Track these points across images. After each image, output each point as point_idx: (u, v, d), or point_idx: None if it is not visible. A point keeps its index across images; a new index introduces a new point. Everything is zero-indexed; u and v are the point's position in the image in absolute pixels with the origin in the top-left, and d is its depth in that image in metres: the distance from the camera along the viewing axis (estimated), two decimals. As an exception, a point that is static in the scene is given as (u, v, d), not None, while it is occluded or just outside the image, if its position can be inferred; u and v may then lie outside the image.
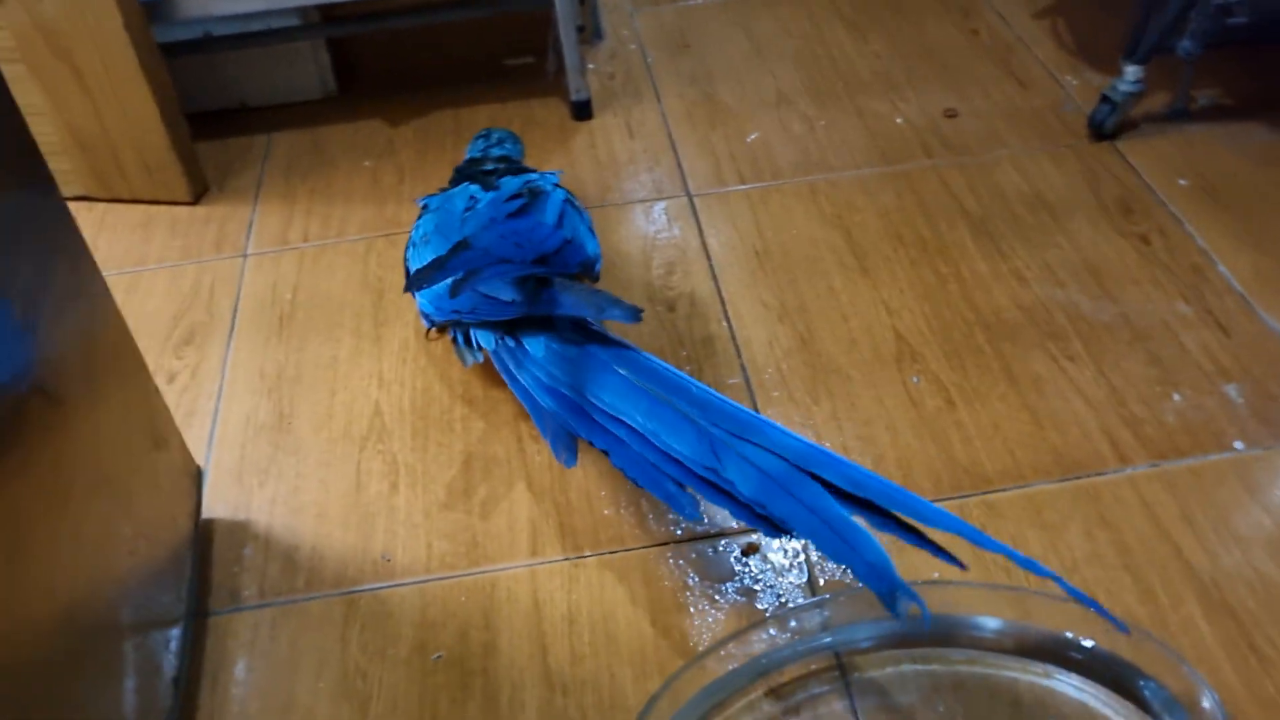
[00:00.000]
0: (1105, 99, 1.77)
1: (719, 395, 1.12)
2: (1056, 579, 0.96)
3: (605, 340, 1.22)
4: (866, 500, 1.00)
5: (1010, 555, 0.96)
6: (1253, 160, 1.70)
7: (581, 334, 1.24)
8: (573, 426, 1.15)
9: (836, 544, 0.99)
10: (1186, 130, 1.78)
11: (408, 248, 1.45)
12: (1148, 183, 1.68)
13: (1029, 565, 0.97)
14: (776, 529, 1.02)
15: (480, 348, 1.31)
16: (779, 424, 1.08)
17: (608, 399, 1.14)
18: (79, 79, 1.67)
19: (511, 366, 1.25)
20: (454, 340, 1.36)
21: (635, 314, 1.15)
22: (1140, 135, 1.78)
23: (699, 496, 1.07)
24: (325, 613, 1.18)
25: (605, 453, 1.12)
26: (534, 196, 1.37)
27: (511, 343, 1.26)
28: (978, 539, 0.97)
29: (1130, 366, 1.38)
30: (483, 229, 1.33)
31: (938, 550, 0.99)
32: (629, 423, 1.11)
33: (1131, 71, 1.73)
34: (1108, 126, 1.77)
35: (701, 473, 1.06)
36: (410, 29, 2.09)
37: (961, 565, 0.99)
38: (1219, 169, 1.69)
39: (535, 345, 1.24)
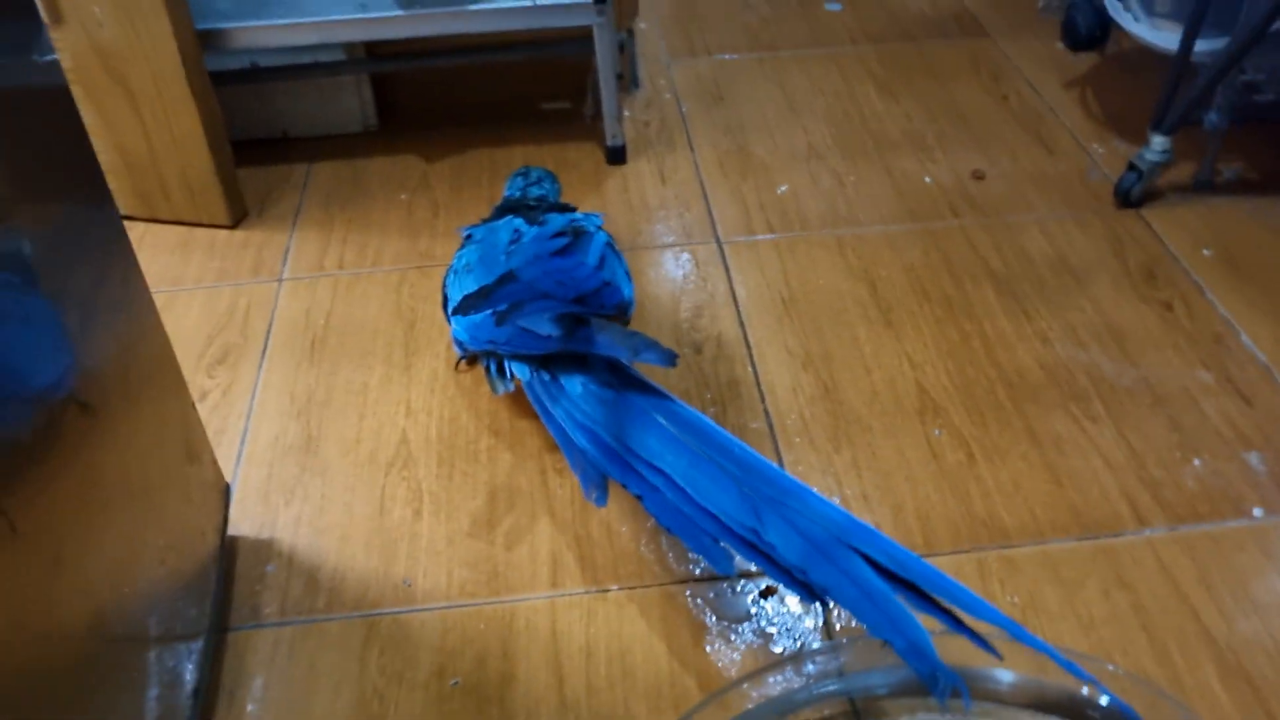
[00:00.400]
0: (1132, 167, 1.79)
1: (760, 456, 1.11)
2: (1097, 684, 0.97)
3: (642, 385, 1.23)
4: (908, 581, 1.00)
5: (1050, 654, 0.96)
6: (1276, 233, 1.72)
7: (617, 375, 1.25)
8: (607, 468, 1.16)
9: (878, 618, 0.99)
10: (1211, 202, 1.81)
11: (448, 274, 1.48)
12: (1172, 251, 1.70)
13: (1071, 668, 0.97)
14: (814, 596, 1.02)
15: (513, 377, 1.33)
16: (821, 494, 1.08)
17: (647, 446, 1.14)
18: (131, 102, 1.71)
19: (546, 401, 1.27)
20: (487, 369, 1.38)
21: (671, 358, 1.17)
22: (1165, 204, 1.81)
23: (733, 552, 1.07)
24: (345, 634, 1.19)
25: (639, 498, 1.13)
26: (577, 236, 1.40)
27: (546, 377, 1.28)
28: (1018, 634, 0.97)
29: (1151, 430, 1.39)
30: (527, 263, 1.35)
31: (975, 638, 0.98)
32: (668, 473, 1.12)
33: (1159, 142, 1.76)
34: (1134, 195, 1.80)
35: (741, 532, 1.06)
36: (451, 69, 2.14)
37: (998, 655, 0.98)
38: (1242, 240, 1.71)
39: (571, 383, 1.25)
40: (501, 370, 1.35)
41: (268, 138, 2.08)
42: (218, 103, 1.79)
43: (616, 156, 1.98)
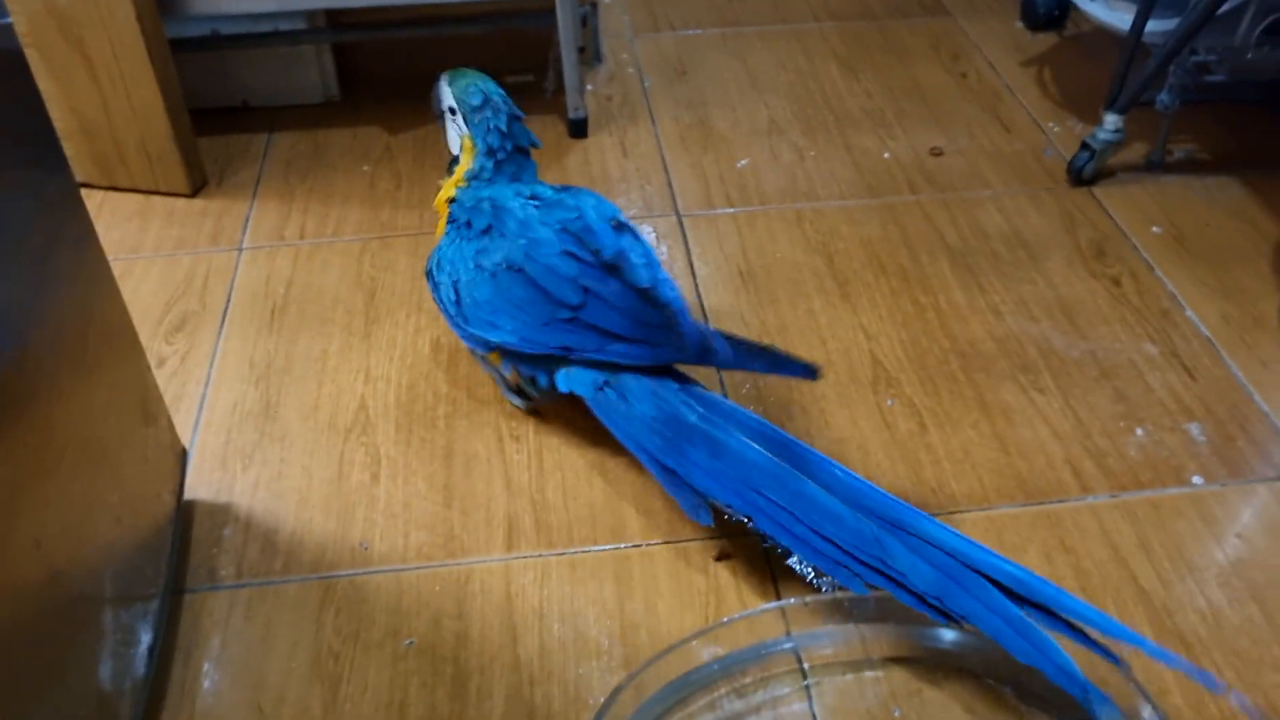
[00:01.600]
0: (1085, 146, 1.82)
1: (868, 483, 1.12)
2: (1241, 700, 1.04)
3: (724, 406, 1.21)
4: (1038, 603, 1.02)
5: (1184, 668, 1.01)
6: (1224, 212, 1.76)
7: (684, 387, 1.23)
8: (706, 490, 1.15)
9: (1022, 645, 1.00)
10: (1161, 181, 1.84)
11: (447, 263, 1.33)
12: (1122, 228, 1.73)
13: (1203, 679, 1.02)
14: (953, 621, 1.04)
15: (554, 389, 1.29)
16: (935, 518, 1.09)
17: (749, 477, 1.13)
18: (88, 67, 1.70)
19: (620, 419, 1.22)
20: (530, 380, 1.34)
21: (813, 372, 1.22)
22: (1117, 183, 1.84)
23: (861, 577, 1.07)
24: (301, 596, 1.20)
25: (748, 519, 1.13)
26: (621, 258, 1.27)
27: (614, 395, 1.23)
28: (1151, 650, 1.00)
29: (1097, 401, 1.42)
30: (593, 300, 1.24)
31: (1102, 650, 1.01)
32: (773, 499, 1.11)
33: (1111, 121, 1.79)
34: (1086, 173, 1.83)
35: (866, 559, 1.06)
36: (414, 40, 2.14)
37: (1120, 662, 1.01)
38: (1191, 219, 1.75)
39: (645, 403, 1.21)
40: (539, 382, 1.32)
41: (228, 107, 2.07)
42: (176, 70, 1.78)
43: (578, 130, 1.98)
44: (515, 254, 1.27)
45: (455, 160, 1.43)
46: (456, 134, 1.41)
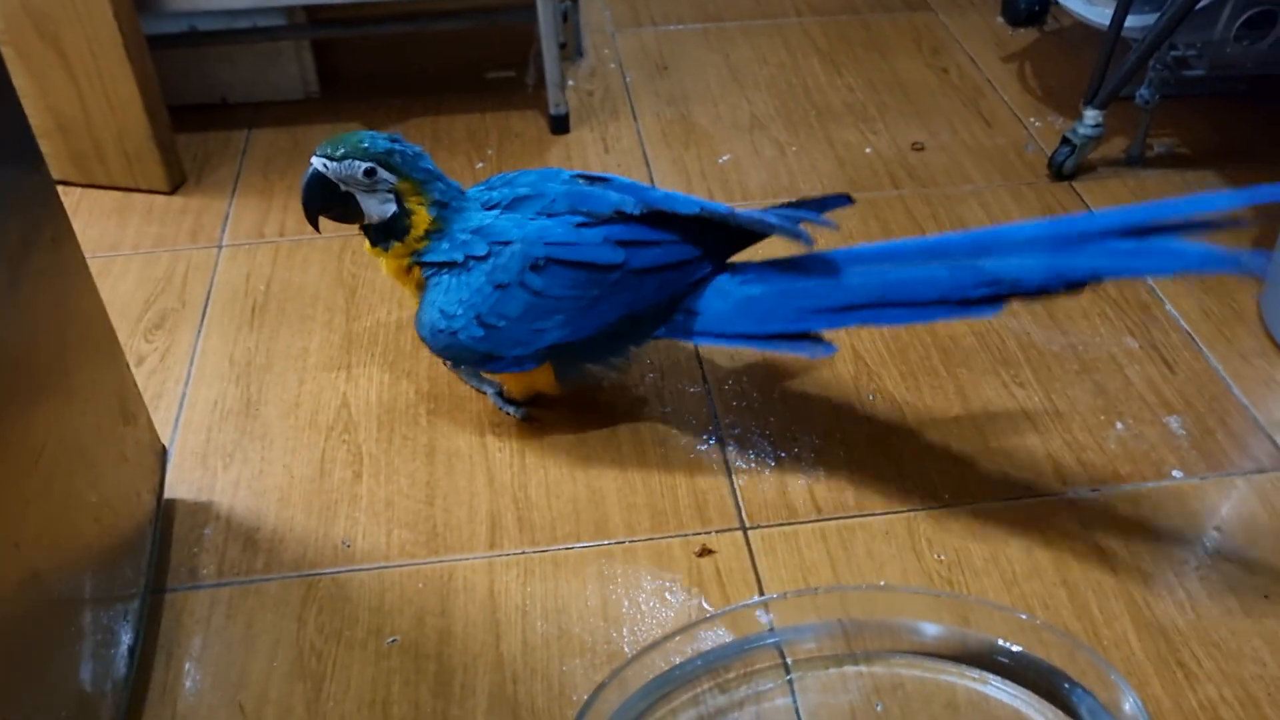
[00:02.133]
0: (1066, 141, 1.83)
1: (938, 238, 1.23)
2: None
3: (782, 263, 1.29)
4: (1147, 225, 1.08)
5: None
6: (1203, 207, 1.77)
7: (739, 271, 1.30)
8: (825, 325, 1.24)
9: (1159, 259, 1.08)
10: (1141, 175, 1.85)
11: (456, 307, 1.25)
12: (1103, 222, 1.74)
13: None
14: (1083, 286, 1.09)
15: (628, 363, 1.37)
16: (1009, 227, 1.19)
17: (853, 293, 1.21)
18: (64, 64, 1.68)
19: (707, 327, 1.27)
20: (501, 393, 1.40)
21: (846, 198, 1.32)
22: (1097, 177, 1.85)
23: (986, 304, 1.14)
24: (283, 594, 1.20)
25: (865, 323, 1.27)
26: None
27: (680, 316, 1.28)
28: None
29: (1077, 395, 1.43)
30: (633, 249, 1.25)
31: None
32: (885, 299, 1.19)
33: (1091, 116, 1.80)
34: (1067, 167, 1.83)
35: (978, 294, 1.13)
36: (394, 35, 2.13)
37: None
38: (1171, 213, 1.75)
39: (733, 296, 1.27)
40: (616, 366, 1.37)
41: (206, 103, 2.06)
42: (154, 67, 1.77)
43: (560, 125, 1.98)
44: (535, 251, 1.23)
45: (382, 226, 1.27)
46: (381, 200, 1.25)
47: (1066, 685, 1.05)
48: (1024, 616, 1.11)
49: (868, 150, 1.93)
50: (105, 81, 1.71)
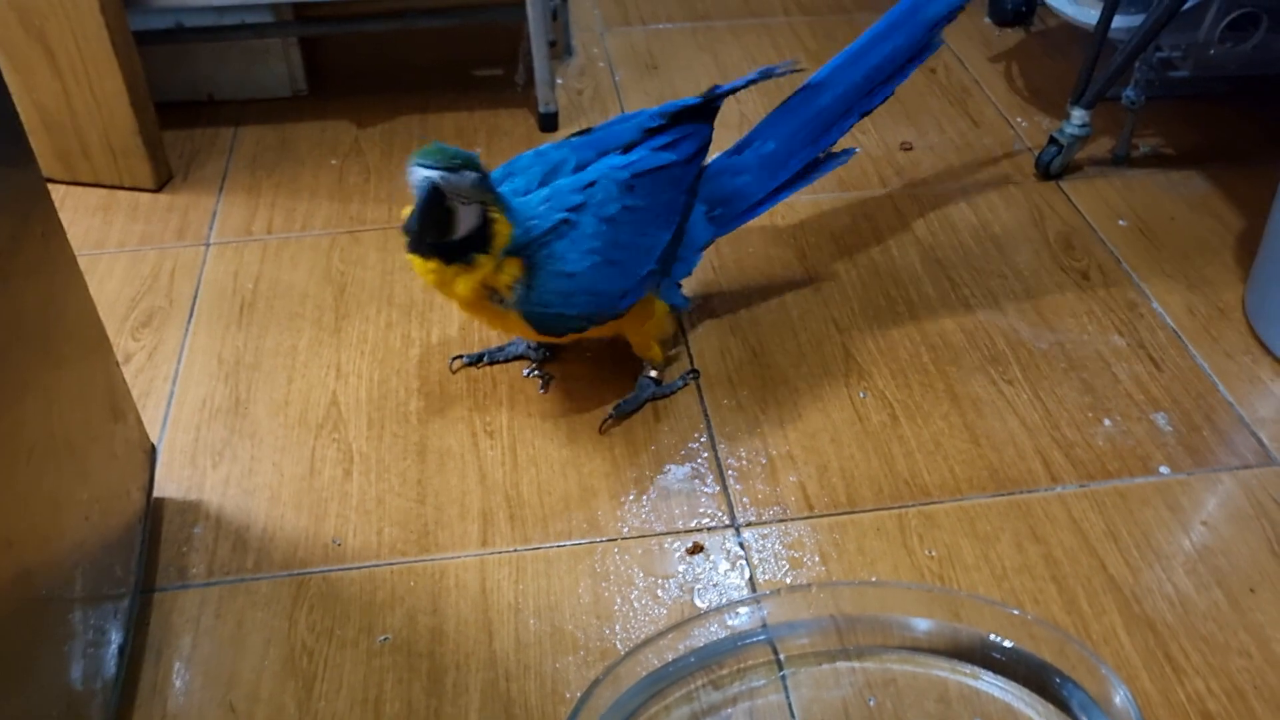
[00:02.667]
0: (1053, 141, 1.84)
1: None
2: None
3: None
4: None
5: None
6: (1189, 206, 1.78)
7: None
8: (830, 140, 1.51)
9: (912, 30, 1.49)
10: (1128, 175, 1.86)
11: (573, 260, 1.26)
12: (1089, 222, 1.75)
13: None
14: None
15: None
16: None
17: (833, 108, 1.51)
18: (50, 59, 1.67)
19: (751, 196, 1.47)
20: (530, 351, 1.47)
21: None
22: (1084, 177, 1.86)
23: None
24: (274, 593, 1.19)
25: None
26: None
27: (722, 210, 1.45)
28: None
29: (1065, 392, 1.44)
30: (685, 145, 1.38)
31: None
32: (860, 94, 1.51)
33: (1078, 116, 1.81)
34: (1054, 167, 1.84)
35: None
36: (382, 33, 2.12)
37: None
38: (1157, 212, 1.77)
39: (742, 174, 1.47)
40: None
41: (193, 100, 2.05)
42: (141, 63, 1.76)
43: (549, 124, 1.98)
44: (621, 175, 1.31)
45: (466, 240, 1.21)
46: (471, 213, 1.19)
47: (1057, 679, 1.06)
48: (1015, 612, 1.11)
49: (856, 149, 1.93)
50: (91, 78, 1.70)
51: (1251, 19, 1.77)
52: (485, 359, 1.47)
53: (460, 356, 1.47)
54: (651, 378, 1.42)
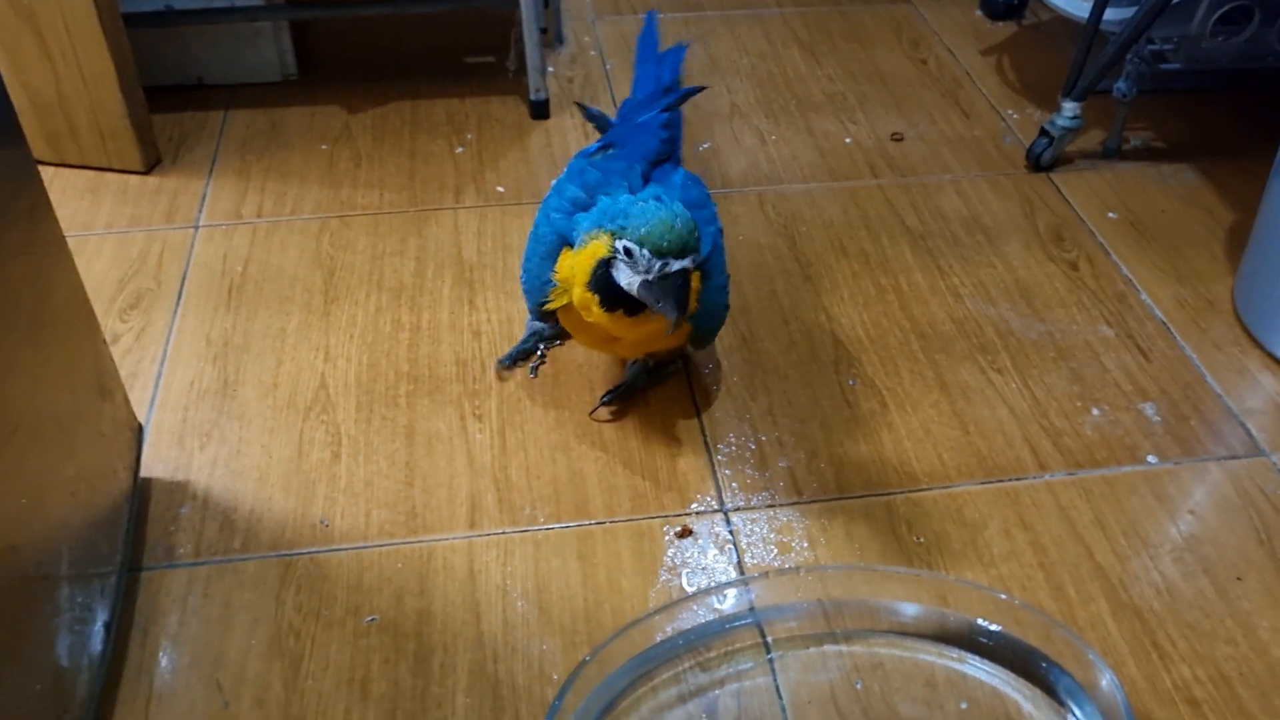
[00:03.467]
0: (1044, 133, 1.84)
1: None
2: None
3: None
4: None
5: None
6: (1178, 199, 1.79)
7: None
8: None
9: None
10: (1118, 167, 1.87)
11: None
12: (1079, 213, 1.76)
13: None
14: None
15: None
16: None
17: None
18: (40, 41, 1.66)
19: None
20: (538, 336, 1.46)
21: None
22: (1074, 169, 1.86)
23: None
24: (261, 573, 1.19)
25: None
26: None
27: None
28: None
29: (1053, 381, 1.44)
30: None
31: None
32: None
33: (1069, 108, 1.81)
34: (1045, 159, 1.85)
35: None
36: (374, 19, 2.11)
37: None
38: (1146, 205, 1.77)
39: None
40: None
41: (183, 84, 2.04)
42: (130, 46, 1.75)
43: (539, 111, 1.97)
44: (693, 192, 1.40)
45: None
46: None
47: (1044, 665, 1.06)
48: (1002, 596, 1.11)
49: (847, 140, 1.94)
50: (80, 59, 1.69)
51: (1244, 12, 1.77)
52: (542, 354, 1.46)
53: (511, 361, 1.44)
54: (646, 364, 1.42)
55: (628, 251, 1.14)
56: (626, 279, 1.16)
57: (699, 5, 2.37)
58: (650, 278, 1.14)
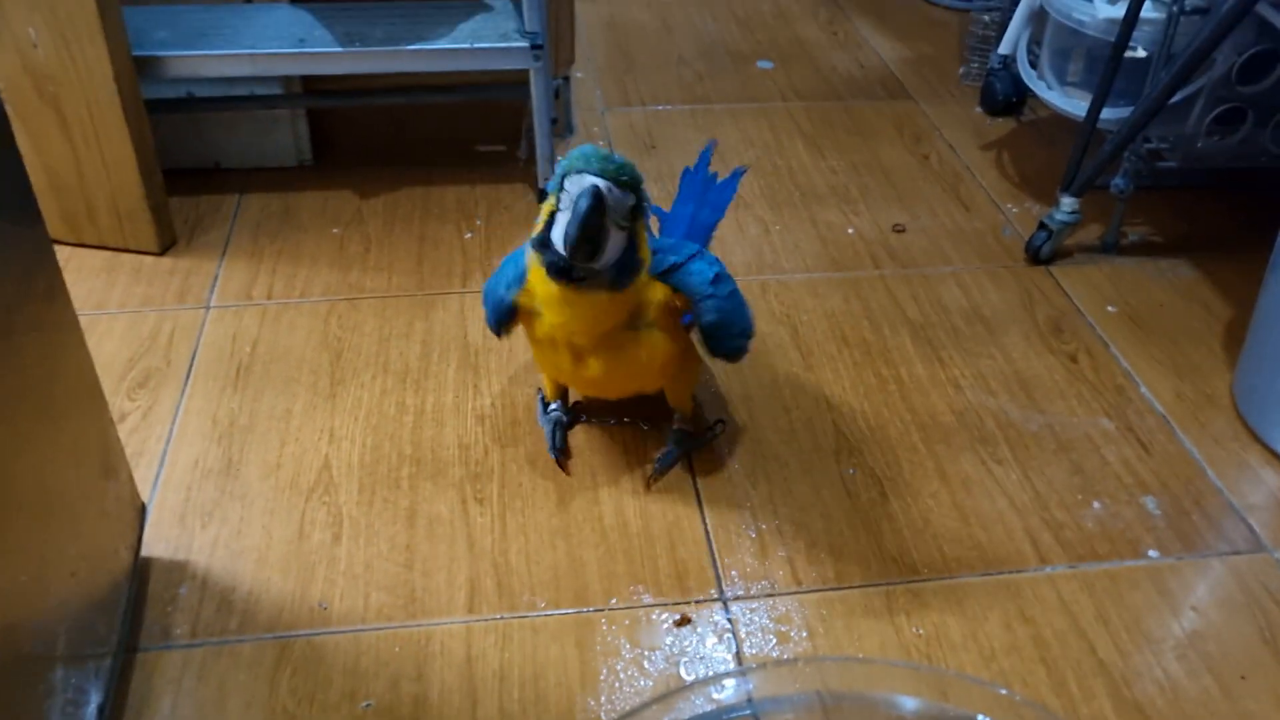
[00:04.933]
0: (1043, 226, 1.88)
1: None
2: None
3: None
4: None
5: None
6: (1177, 293, 1.81)
7: None
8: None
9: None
10: (1116, 262, 1.89)
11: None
12: (1078, 306, 1.78)
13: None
14: None
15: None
16: None
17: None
18: (62, 124, 1.71)
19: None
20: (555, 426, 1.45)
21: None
22: (1073, 263, 1.89)
23: None
24: (256, 656, 1.19)
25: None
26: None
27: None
28: None
29: (1054, 474, 1.44)
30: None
31: None
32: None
33: (1068, 203, 1.85)
34: (1044, 252, 1.88)
35: None
36: (388, 107, 2.17)
37: None
38: (1145, 299, 1.79)
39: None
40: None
41: (200, 167, 2.08)
42: (151, 130, 1.80)
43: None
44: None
45: (616, 265, 1.19)
46: (620, 238, 1.17)
47: (1045, 762, 1.05)
48: (1003, 692, 1.10)
49: (850, 231, 1.97)
50: (101, 143, 1.73)
51: (1238, 113, 1.82)
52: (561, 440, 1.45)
53: (558, 452, 1.43)
54: (685, 430, 1.44)
55: (561, 186, 1.12)
56: (559, 226, 1.14)
57: (705, 98, 2.43)
58: (567, 205, 1.11)
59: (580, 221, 1.10)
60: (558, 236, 1.15)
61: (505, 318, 1.31)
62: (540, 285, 1.22)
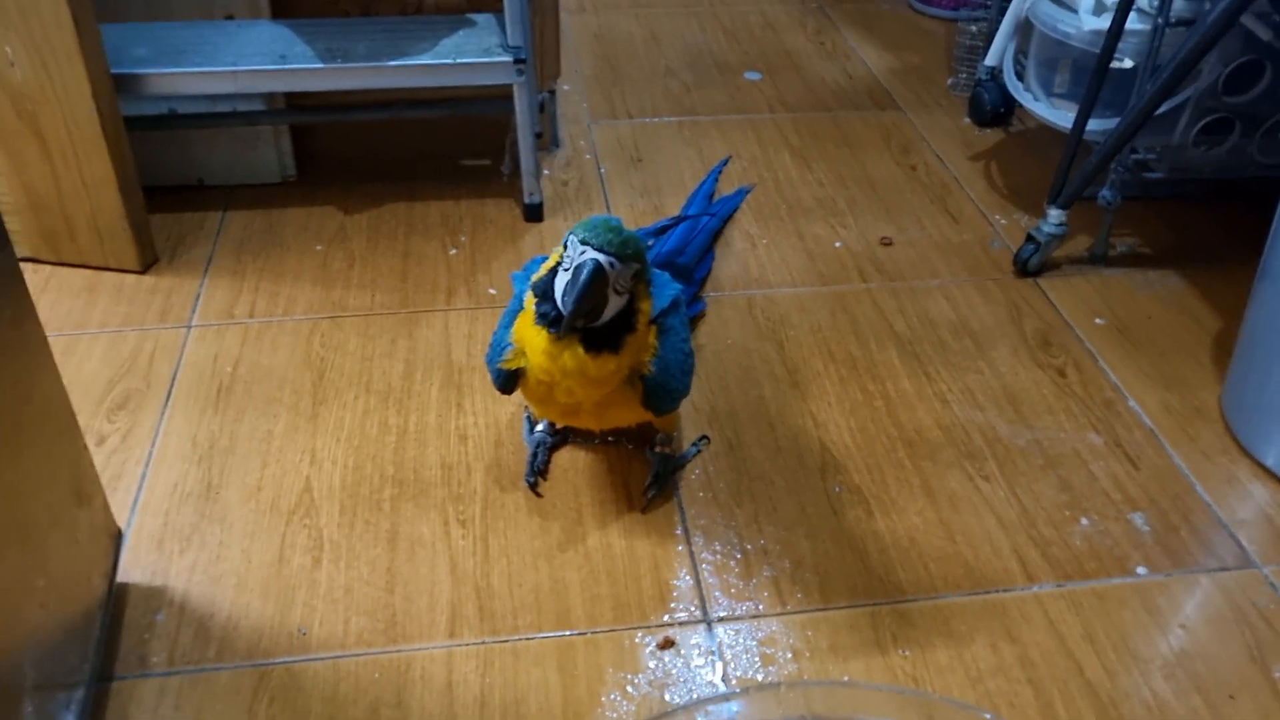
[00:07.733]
0: (1030, 239, 1.87)
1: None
2: None
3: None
4: None
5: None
6: (1165, 305, 1.80)
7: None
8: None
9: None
10: (1104, 273, 1.88)
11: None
12: (1066, 319, 1.77)
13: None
14: None
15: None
16: None
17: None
18: (41, 143, 1.69)
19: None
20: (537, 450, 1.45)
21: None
22: (1061, 275, 1.88)
23: None
24: (234, 684, 1.17)
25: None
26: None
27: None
28: None
29: (1041, 490, 1.43)
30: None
31: None
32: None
33: (1055, 215, 1.84)
34: (1032, 264, 1.87)
35: None
36: (372, 122, 2.15)
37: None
38: (1133, 311, 1.79)
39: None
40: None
41: (183, 184, 2.07)
42: (132, 147, 1.78)
43: (534, 214, 2.00)
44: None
45: (612, 324, 1.21)
46: (619, 300, 1.19)
47: (1031, 787, 1.03)
48: (988, 716, 1.09)
49: (837, 244, 1.96)
50: (80, 161, 1.72)
51: (1225, 124, 1.81)
52: (545, 463, 1.45)
53: (534, 478, 1.42)
54: (666, 452, 1.43)
55: (565, 246, 1.17)
56: (560, 282, 1.18)
57: (692, 110, 2.42)
58: (569, 266, 1.16)
59: (579, 294, 1.15)
60: (558, 289, 1.18)
61: (506, 386, 1.32)
62: (532, 339, 1.23)
